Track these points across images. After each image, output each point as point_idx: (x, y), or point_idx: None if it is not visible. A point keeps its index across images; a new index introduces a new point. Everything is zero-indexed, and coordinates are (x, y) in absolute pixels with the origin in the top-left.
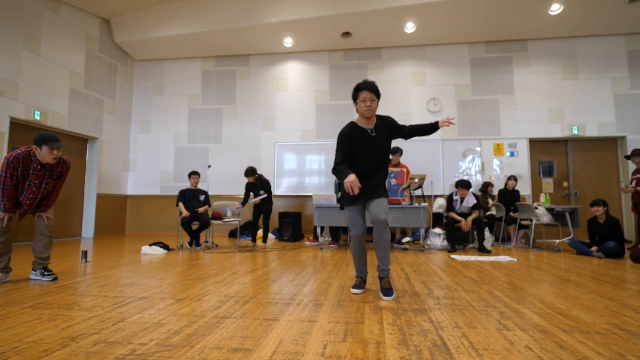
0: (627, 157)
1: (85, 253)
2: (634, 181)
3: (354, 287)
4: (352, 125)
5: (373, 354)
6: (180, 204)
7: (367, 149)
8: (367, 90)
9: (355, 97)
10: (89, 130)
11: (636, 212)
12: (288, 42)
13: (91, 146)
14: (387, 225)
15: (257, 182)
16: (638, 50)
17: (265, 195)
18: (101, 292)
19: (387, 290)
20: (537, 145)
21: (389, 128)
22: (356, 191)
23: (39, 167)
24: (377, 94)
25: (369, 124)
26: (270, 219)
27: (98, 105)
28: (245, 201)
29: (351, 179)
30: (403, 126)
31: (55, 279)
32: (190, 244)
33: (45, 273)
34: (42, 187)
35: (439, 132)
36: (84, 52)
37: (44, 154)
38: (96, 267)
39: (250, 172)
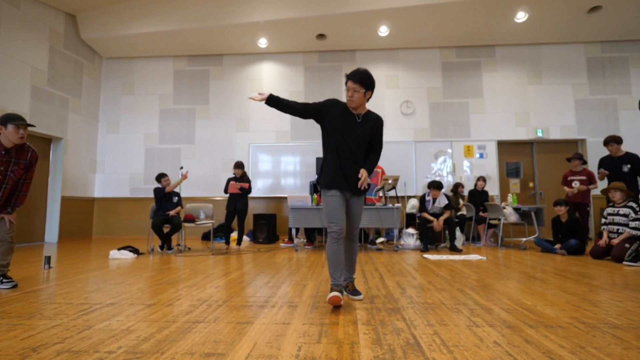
0: (569, 160)
1: (48, 258)
2: (576, 183)
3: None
4: (341, 103)
5: (347, 354)
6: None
7: (350, 133)
8: (351, 80)
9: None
10: (53, 130)
11: (574, 211)
12: (263, 42)
13: (55, 146)
14: (356, 238)
15: (242, 178)
16: (596, 57)
17: (246, 185)
18: (65, 299)
19: (354, 291)
20: (504, 147)
21: (375, 129)
22: (257, 98)
23: (3, 152)
24: (364, 84)
25: (357, 112)
26: (245, 220)
27: (63, 104)
28: (226, 189)
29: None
30: (378, 143)
31: (15, 286)
32: (162, 247)
33: (5, 280)
34: (8, 174)
35: (411, 134)
36: (47, 48)
37: (10, 134)
38: (60, 273)
39: (241, 165)
